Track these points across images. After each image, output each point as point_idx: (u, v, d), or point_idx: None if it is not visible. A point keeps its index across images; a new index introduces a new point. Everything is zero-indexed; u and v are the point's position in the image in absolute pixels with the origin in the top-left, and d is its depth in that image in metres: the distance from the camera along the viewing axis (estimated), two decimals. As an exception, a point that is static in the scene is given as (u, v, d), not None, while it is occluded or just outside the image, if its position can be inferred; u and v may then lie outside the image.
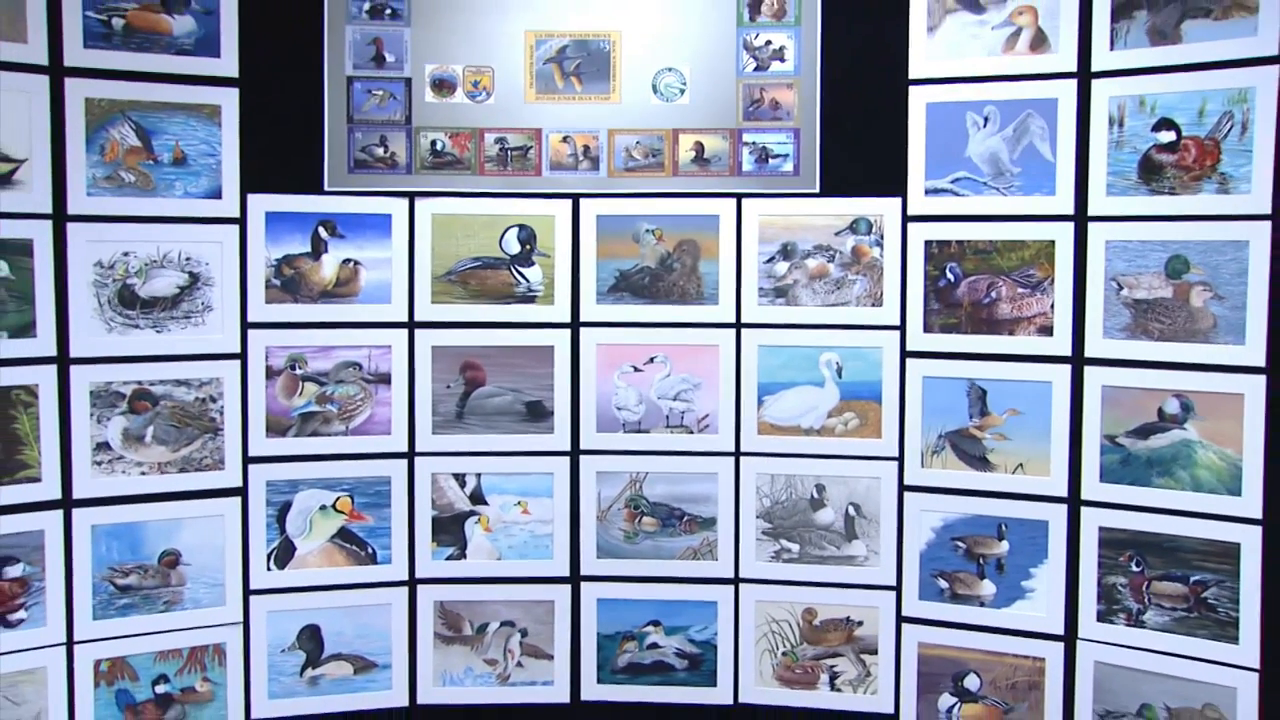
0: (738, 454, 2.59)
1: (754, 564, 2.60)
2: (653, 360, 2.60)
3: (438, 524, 2.62)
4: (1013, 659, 2.46)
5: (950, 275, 2.47)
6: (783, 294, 2.56)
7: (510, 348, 2.60)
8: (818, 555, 2.58)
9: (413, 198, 2.56)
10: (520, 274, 2.59)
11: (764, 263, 2.56)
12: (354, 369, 2.57)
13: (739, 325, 2.58)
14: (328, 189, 2.54)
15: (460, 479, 2.62)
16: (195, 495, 2.48)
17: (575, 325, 2.60)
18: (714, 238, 2.57)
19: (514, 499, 2.63)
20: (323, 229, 2.54)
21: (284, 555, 2.56)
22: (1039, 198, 2.39)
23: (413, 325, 2.59)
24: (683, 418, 2.61)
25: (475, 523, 2.62)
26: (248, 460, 2.52)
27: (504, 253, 2.59)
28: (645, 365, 2.60)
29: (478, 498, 2.62)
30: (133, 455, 2.43)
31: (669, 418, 2.61)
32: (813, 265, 2.55)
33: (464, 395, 2.60)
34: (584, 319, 2.60)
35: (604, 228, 2.58)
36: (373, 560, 2.60)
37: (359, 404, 2.58)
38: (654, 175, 2.56)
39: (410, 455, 2.60)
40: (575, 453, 2.62)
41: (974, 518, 2.47)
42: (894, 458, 2.53)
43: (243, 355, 2.51)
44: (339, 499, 2.58)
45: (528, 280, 2.59)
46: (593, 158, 2.57)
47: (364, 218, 2.55)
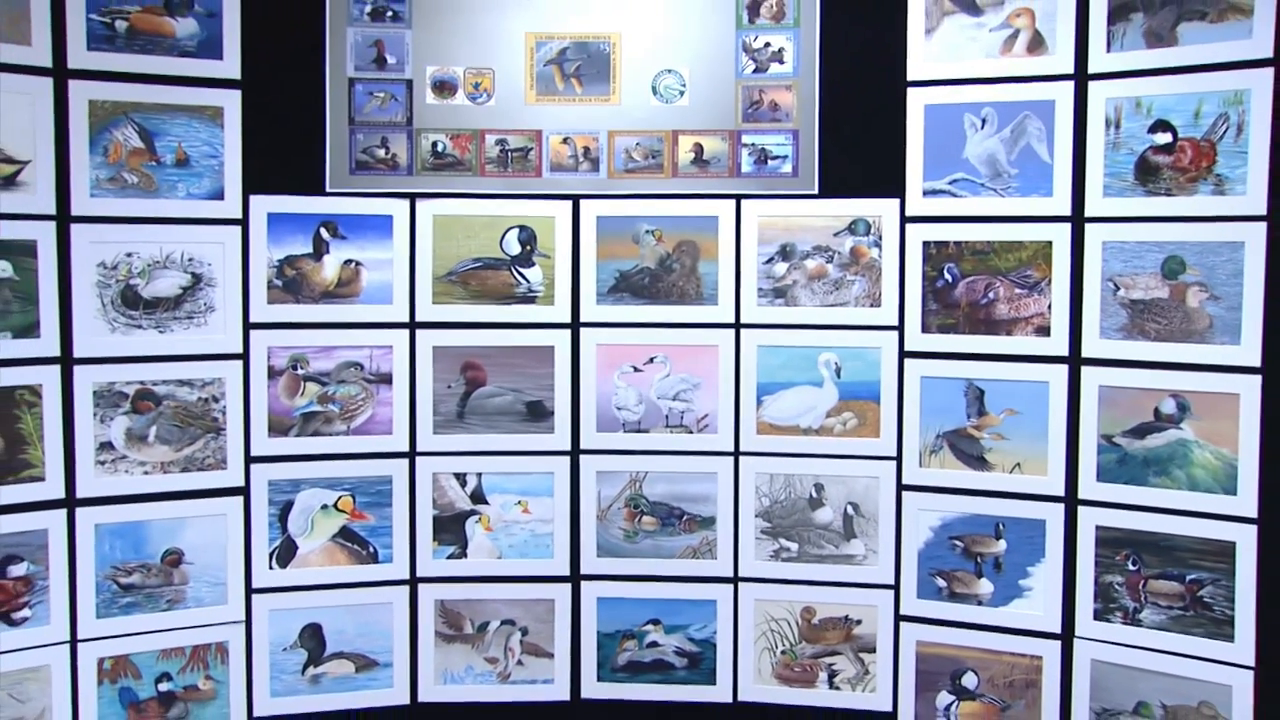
0: (737, 453, 2.60)
1: (753, 563, 2.61)
2: (652, 360, 2.60)
3: (439, 523, 2.63)
4: (1010, 657, 2.46)
5: (948, 276, 2.47)
6: (782, 294, 2.57)
7: (511, 348, 2.60)
8: (816, 554, 2.59)
9: (414, 199, 2.57)
10: (521, 274, 2.60)
11: (763, 263, 2.56)
12: (355, 369, 2.58)
13: (738, 325, 2.58)
14: (329, 190, 2.54)
15: (461, 478, 2.63)
16: (198, 495, 2.49)
17: (575, 325, 2.61)
18: (713, 238, 2.58)
19: (514, 498, 2.64)
20: (324, 230, 2.55)
21: (286, 554, 2.57)
22: (1036, 199, 2.39)
23: (414, 326, 2.59)
24: (682, 417, 2.62)
25: (476, 522, 2.63)
26: (250, 460, 2.53)
27: (504, 253, 2.60)
28: (645, 365, 2.61)
29: (478, 497, 2.63)
30: (136, 455, 2.44)
31: (668, 417, 2.62)
32: (811, 266, 2.56)
33: (465, 395, 2.61)
34: (584, 319, 2.61)
35: (604, 229, 2.59)
36: (374, 559, 2.60)
37: (360, 404, 2.59)
38: (654, 176, 2.57)
39: (411, 455, 2.61)
40: (575, 452, 2.63)
41: (972, 517, 2.48)
42: (892, 457, 2.54)
43: (245, 355, 2.52)
44: (340, 498, 2.58)
45: (528, 281, 2.60)
46: (593, 159, 2.58)
47: (365, 219, 2.56)
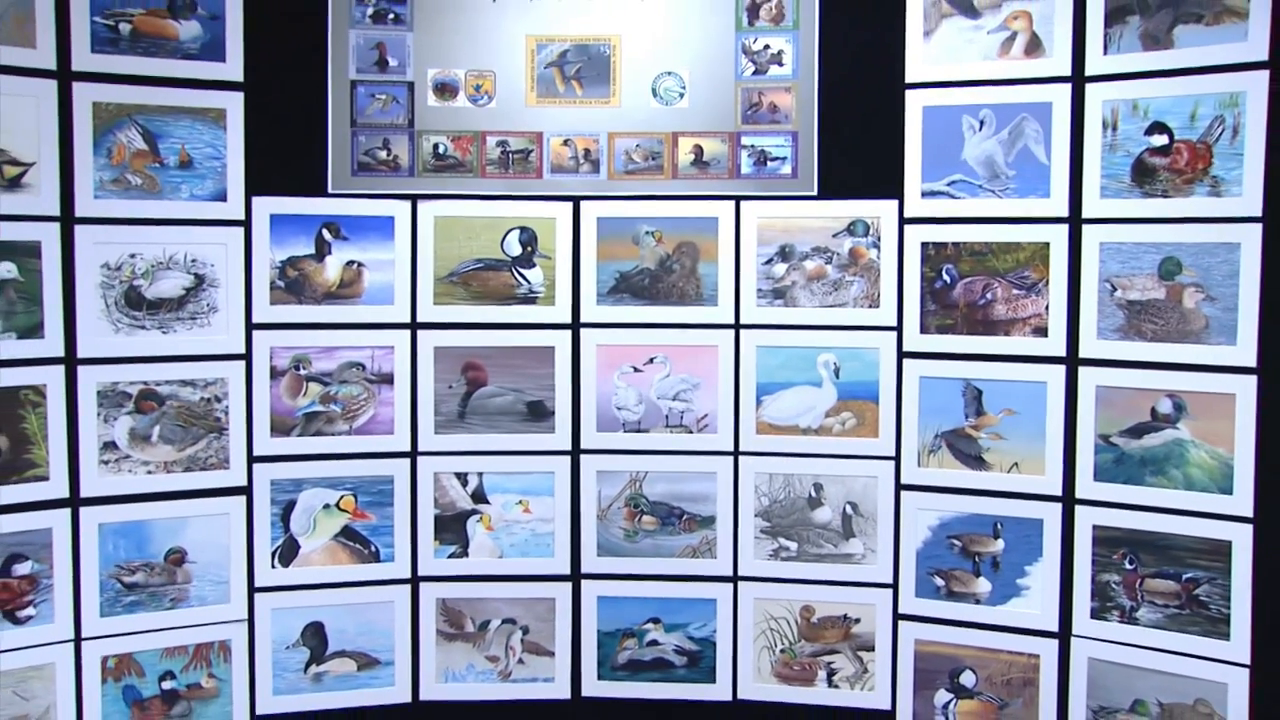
0: (736, 453, 2.61)
1: (752, 562, 2.62)
2: (652, 361, 2.61)
3: (440, 522, 2.64)
4: (1008, 655, 2.48)
5: (946, 277, 2.49)
6: (781, 295, 2.58)
7: (511, 348, 2.61)
8: (815, 553, 2.60)
9: (415, 200, 2.58)
10: (521, 275, 2.61)
11: (762, 264, 2.58)
12: (357, 369, 2.59)
13: (738, 326, 2.59)
14: (331, 192, 2.56)
15: (462, 478, 2.64)
16: (201, 494, 2.50)
17: (576, 326, 2.62)
18: (713, 239, 2.59)
19: (515, 498, 2.65)
20: (326, 231, 2.56)
21: (288, 553, 2.58)
22: (1034, 200, 2.40)
23: (415, 326, 2.61)
24: (682, 417, 2.63)
25: (477, 521, 2.64)
26: (252, 459, 2.55)
27: (505, 254, 2.61)
28: (645, 366, 2.62)
29: (479, 496, 2.65)
30: (139, 454, 2.45)
31: (668, 417, 2.63)
32: (810, 267, 2.57)
33: (466, 395, 2.62)
34: (584, 320, 2.62)
35: (604, 230, 2.60)
36: (376, 558, 2.62)
37: (362, 404, 2.60)
38: (653, 178, 2.58)
39: (413, 455, 2.62)
40: (576, 452, 2.64)
41: (970, 516, 2.49)
42: (891, 457, 2.55)
43: (247, 356, 2.53)
44: (342, 498, 2.60)
45: (529, 281, 2.61)
46: (593, 161, 2.59)
47: (367, 220, 2.57)
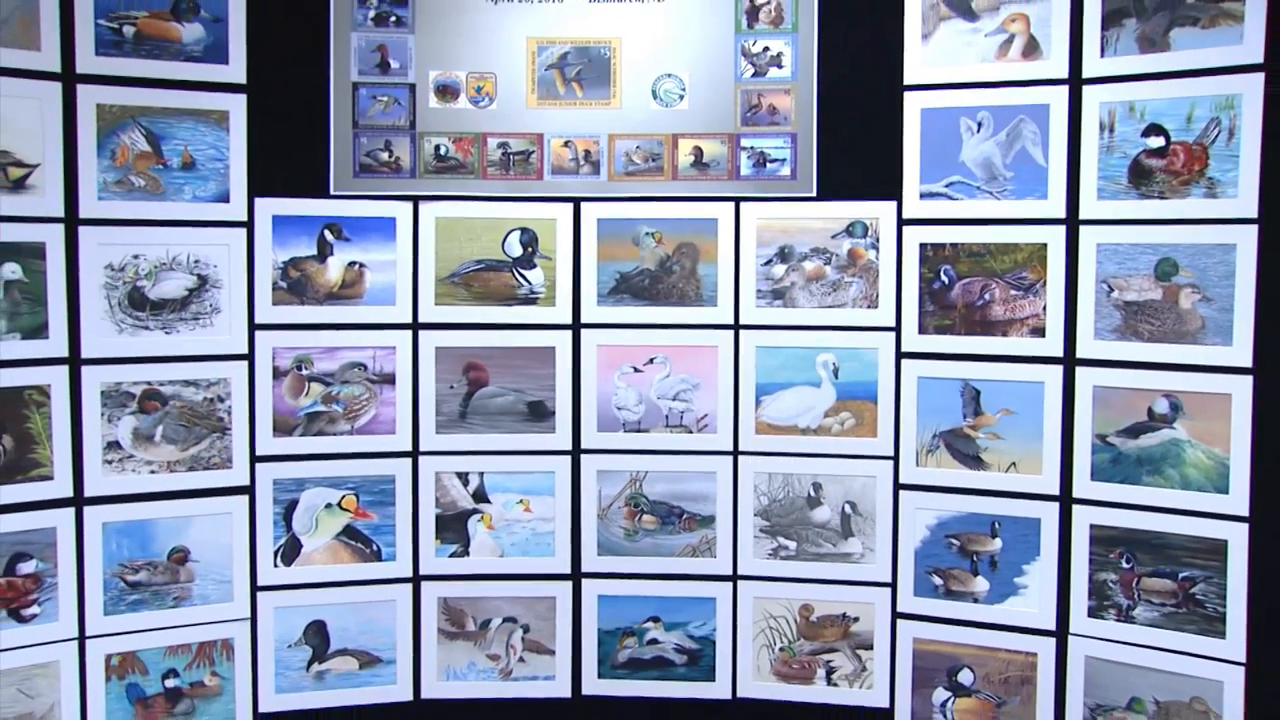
0: (736, 453, 2.63)
1: (752, 561, 2.63)
2: (652, 361, 2.63)
3: (441, 522, 2.65)
4: (1006, 654, 2.49)
5: (944, 277, 2.50)
6: (780, 296, 2.59)
7: (512, 349, 2.63)
8: (814, 553, 2.61)
9: (417, 201, 2.60)
10: (522, 276, 2.63)
11: (762, 265, 2.59)
12: (359, 370, 2.60)
13: (737, 326, 2.61)
14: (333, 193, 2.57)
15: (463, 477, 2.65)
16: (203, 494, 2.51)
17: (576, 326, 2.63)
18: (713, 240, 2.60)
19: (516, 497, 2.66)
20: (328, 232, 2.57)
21: (290, 552, 2.60)
22: (1031, 201, 2.41)
23: (417, 327, 2.62)
24: (682, 417, 2.64)
25: (478, 520, 2.66)
26: (255, 459, 2.56)
27: (506, 255, 2.62)
28: (645, 366, 2.63)
29: (480, 496, 2.66)
30: (142, 454, 2.47)
31: (668, 417, 2.64)
32: (810, 268, 2.58)
33: (467, 395, 2.64)
34: (585, 320, 2.63)
35: (604, 231, 2.62)
36: (377, 557, 2.63)
37: (364, 404, 2.61)
38: (654, 179, 2.60)
39: (414, 454, 2.63)
40: (576, 452, 2.65)
41: (968, 515, 2.50)
42: (889, 457, 2.57)
43: (250, 356, 2.55)
44: (344, 497, 2.61)
45: (530, 282, 2.63)
46: (593, 162, 2.60)
47: (369, 221, 2.59)
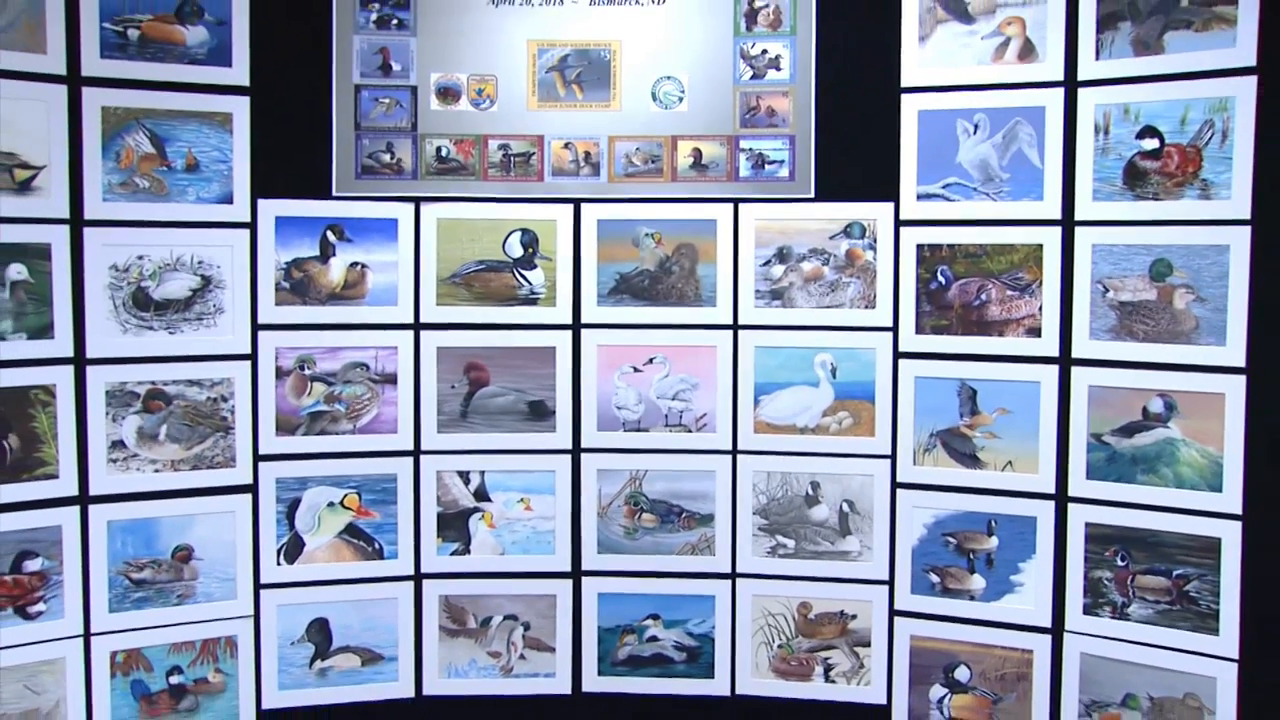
0: (735, 452, 2.64)
1: (750, 559, 2.64)
2: (652, 361, 2.64)
3: (443, 520, 2.67)
4: (1002, 651, 2.50)
5: (941, 278, 2.51)
6: (779, 296, 2.61)
7: (513, 349, 2.64)
8: (812, 551, 2.63)
9: (418, 203, 2.61)
10: (523, 277, 2.64)
11: (760, 266, 2.60)
12: (361, 369, 2.62)
13: (736, 327, 2.62)
14: (336, 194, 2.58)
15: (465, 476, 2.67)
16: (207, 492, 2.53)
17: (576, 327, 2.65)
18: (712, 241, 2.61)
19: (517, 496, 2.67)
20: (331, 233, 2.59)
21: (293, 550, 2.61)
22: (1027, 203, 2.43)
23: (418, 327, 2.63)
24: (681, 417, 2.65)
25: (479, 519, 2.67)
26: (258, 458, 2.58)
27: (507, 256, 2.64)
28: (645, 366, 2.64)
29: (482, 495, 2.67)
30: (147, 453, 2.48)
31: (668, 417, 2.66)
32: (808, 268, 2.60)
33: (468, 395, 2.65)
34: (585, 321, 2.65)
35: (604, 232, 2.63)
36: (379, 555, 2.64)
37: (366, 403, 2.63)
38: (653, 181, 2.61)
39: (416, 453, 2.65)
40: (576, 451, 2.67)
41: (964, 514, 2.52)
42: (887, 456, 2.58)
43: (253, 356, 2.56)
44: (346, 496, 2.62)
45: (530, 283, 2.64)
46: (593, 164, 2.62)
47: (371, 222, 2.60)
